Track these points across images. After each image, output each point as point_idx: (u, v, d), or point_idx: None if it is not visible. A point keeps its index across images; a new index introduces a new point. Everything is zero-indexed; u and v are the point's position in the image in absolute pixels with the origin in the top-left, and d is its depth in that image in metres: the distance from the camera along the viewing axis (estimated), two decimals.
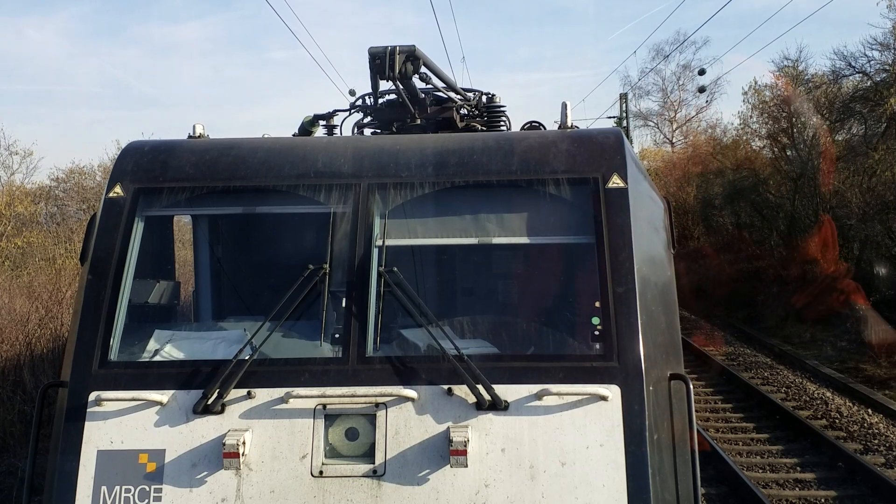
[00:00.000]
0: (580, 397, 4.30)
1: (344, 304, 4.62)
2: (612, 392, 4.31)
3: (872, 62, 23.99)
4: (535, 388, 4.34)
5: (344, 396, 4.36)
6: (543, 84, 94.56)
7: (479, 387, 4.31)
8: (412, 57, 5.64)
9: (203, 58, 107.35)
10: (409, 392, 4.35)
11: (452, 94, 6.81)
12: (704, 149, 38.86)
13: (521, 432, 4.28)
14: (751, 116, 31.44)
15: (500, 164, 4.93)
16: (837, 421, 12.30)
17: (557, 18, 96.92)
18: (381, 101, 6.94)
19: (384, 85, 6.46)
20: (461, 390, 4.36)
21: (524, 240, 4.86)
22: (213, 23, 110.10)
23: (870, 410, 12.84)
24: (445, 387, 4.38)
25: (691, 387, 4.60)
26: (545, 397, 4.32)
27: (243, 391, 4.41)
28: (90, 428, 4.40)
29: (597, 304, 4.54)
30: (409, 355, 4.56)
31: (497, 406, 4.30)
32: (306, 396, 4.36)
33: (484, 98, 7.18)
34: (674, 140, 56.52)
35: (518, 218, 4.88)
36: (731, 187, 30.45)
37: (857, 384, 14.37)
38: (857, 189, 22.74)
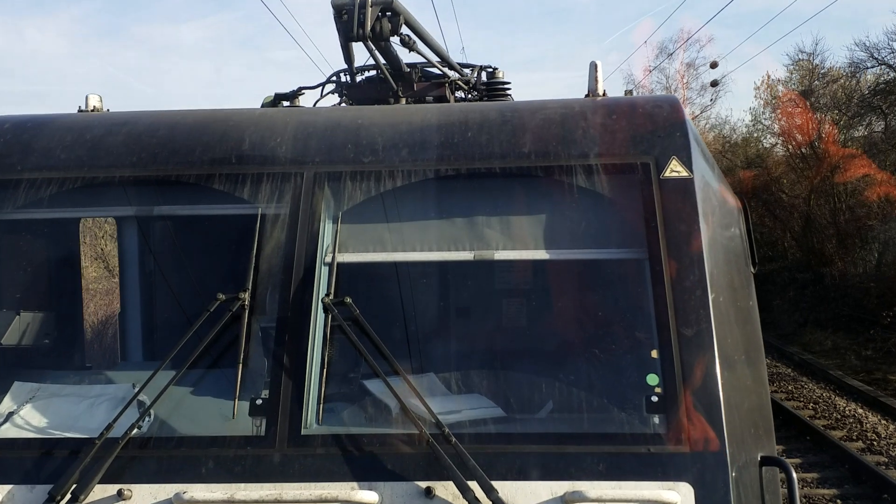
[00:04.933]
0: None
1: (273, 354, 3.27)
2: (683, 494, 2.93)
3: (895, 53, 22.99)
4: (560, 488, 2.98)
5: (266, 502, 2.99)
6: (545, 84, 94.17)
7: (474, 484, 2.97)
8: (390, 10, 4.38)
9: (204, 58, 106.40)
10: (367, 495, 2.99)
11: (446, 69, 5.63)
12: (713, 147, 37.79)
13: None
14: (763, 112, 30.37)
15: (507, 144, 3.60)
16: (875, 443, 11.31)
17: (559, 18, 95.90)
18: (360, 78, 5.79)
19: (360, 60, 5.34)
20: (446, 490, 3.01)
21: (540, 254, 3.52)
22: (214, 23, 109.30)
23: None
24: (423, 484, 3.03)
25: (794, 475, 3.15)
26: None
27: (113, 488, 3.07)
28: None
29: (653, 353, 3.19)
30: (368, 433, 3.15)
31: None
32: (207, 501, 2.99)
33: (483, 74, 5.97)
34: None
35: (531, 222, 3.56)
36: (742, 186, 29.39)
37: (888, 398, 13.38)
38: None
